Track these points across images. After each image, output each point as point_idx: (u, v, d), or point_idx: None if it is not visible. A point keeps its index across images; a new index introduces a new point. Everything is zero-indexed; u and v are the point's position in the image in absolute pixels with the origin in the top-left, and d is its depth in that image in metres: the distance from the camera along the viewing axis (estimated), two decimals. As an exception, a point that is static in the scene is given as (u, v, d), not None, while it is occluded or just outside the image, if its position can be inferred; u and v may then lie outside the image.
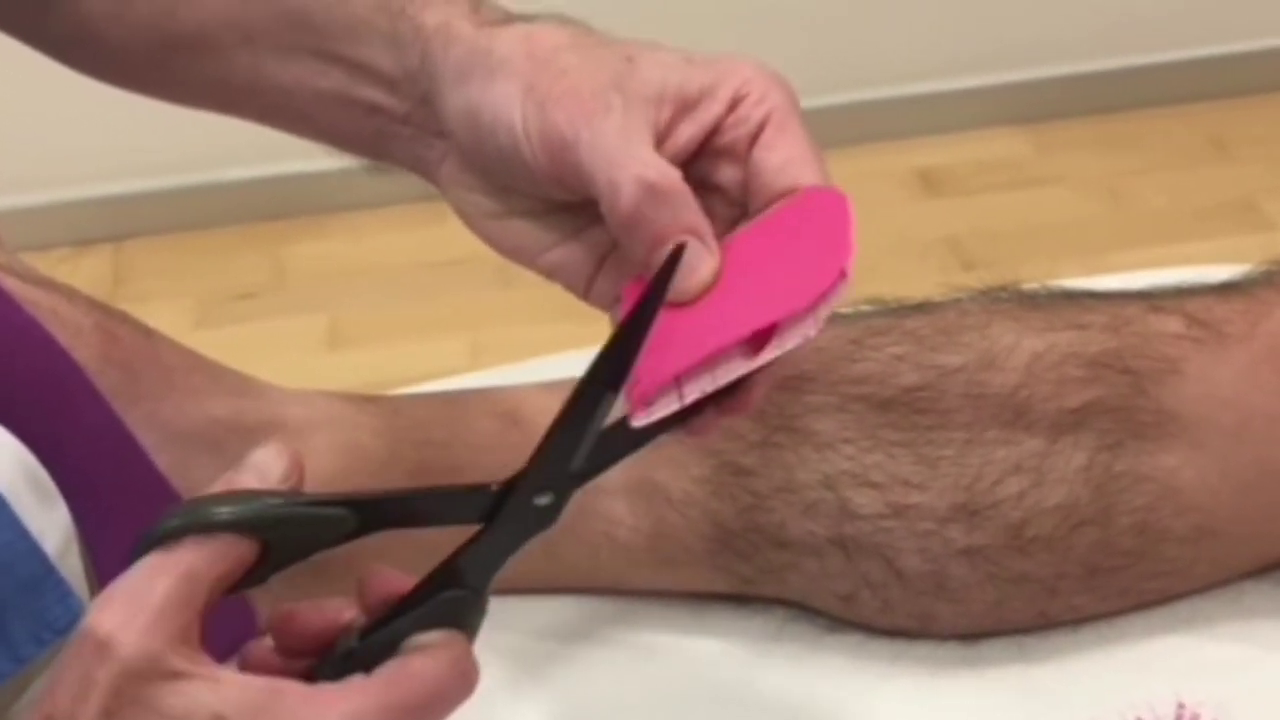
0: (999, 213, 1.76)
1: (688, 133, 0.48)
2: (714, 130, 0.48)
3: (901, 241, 1.73)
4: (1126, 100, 1.87)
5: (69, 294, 0.56)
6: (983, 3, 1.83)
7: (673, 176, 0.46)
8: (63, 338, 0.54)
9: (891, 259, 1.69)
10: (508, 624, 0.58)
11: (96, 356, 0.55)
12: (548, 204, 0.50)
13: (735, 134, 0.48)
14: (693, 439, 0.47)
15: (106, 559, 0.58)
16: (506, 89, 0.48)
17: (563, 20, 0.51)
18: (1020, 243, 1.71)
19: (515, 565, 0.60)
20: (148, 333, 0.58)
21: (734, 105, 0.48)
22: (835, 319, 0.61)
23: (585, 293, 0.50)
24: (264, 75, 0.54)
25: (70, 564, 0.64)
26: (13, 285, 0.54)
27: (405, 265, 1.74)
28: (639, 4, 1.73)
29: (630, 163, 0.46)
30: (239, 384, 0.59)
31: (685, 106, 0.48)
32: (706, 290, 0.46)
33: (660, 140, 0.47)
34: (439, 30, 0.50)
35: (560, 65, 0.48)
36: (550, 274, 0.51)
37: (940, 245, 1.72)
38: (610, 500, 0.59)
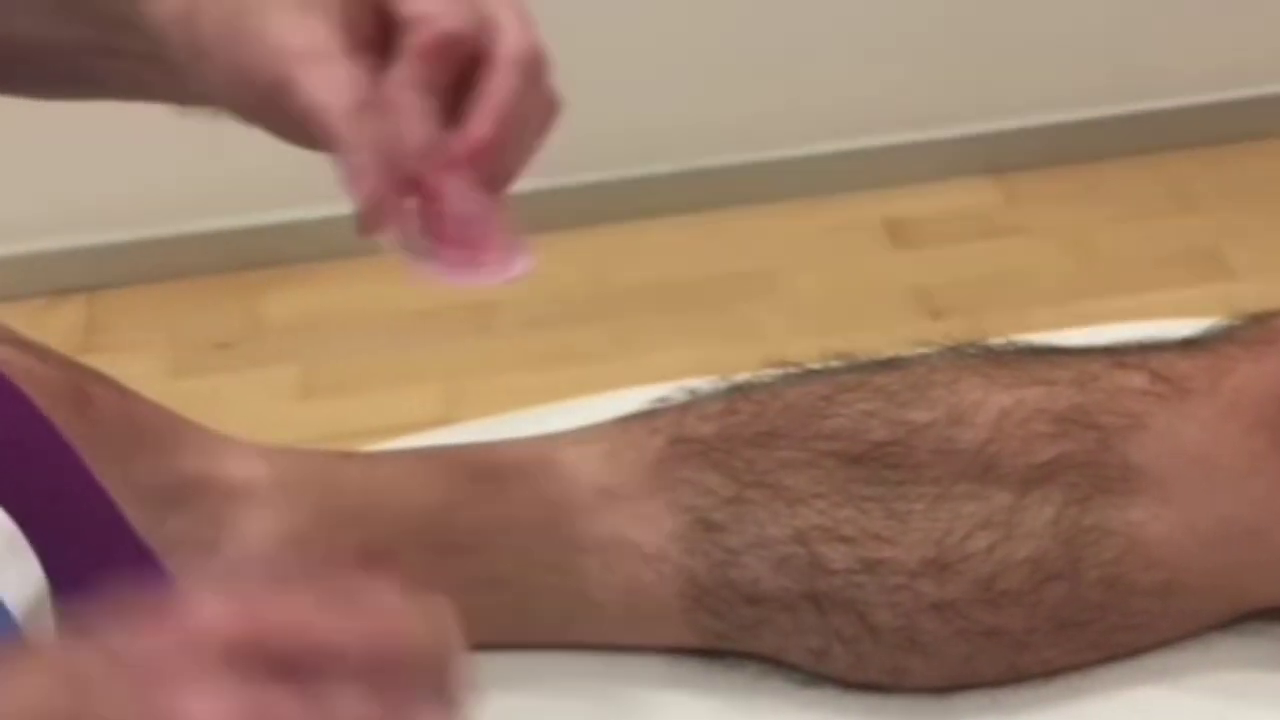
0: (966, 262, 1.78)
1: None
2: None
3: (869, 291, 1.74)
4: (1092, 151, 1.89)
5: (42, 353, 0.57)
6: (949, 55, 1.85)
7: (324, 53, 0.48)
8: (38, 398, 0.54)
9: (859, 308, 1.71)
10: (480, 680, 0.59)
11: (72, 416, 0.55)
12: None
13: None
14: None
15: (80, 614, 0.58)
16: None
17: None
18: (988, 292, 1.72)
19: (488, 621, 0.60)
20: (122, 391, 0.58)
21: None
22: (806, 375, 0.62)
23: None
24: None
25: (42, 620, 0.64)
26: (-11, 347, 0.54)
27: (380, 315, 1.74)
28: (603, 41, 1.75)
29: (318, 80, 0.49)
30: (212, 443, 0.59)
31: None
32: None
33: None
34: None
35: None
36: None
37: (908, 295, 1.74)
38: (583, 557, 0.59)
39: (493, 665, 0.60)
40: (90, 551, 0.56)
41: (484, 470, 0.60)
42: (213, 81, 0.51)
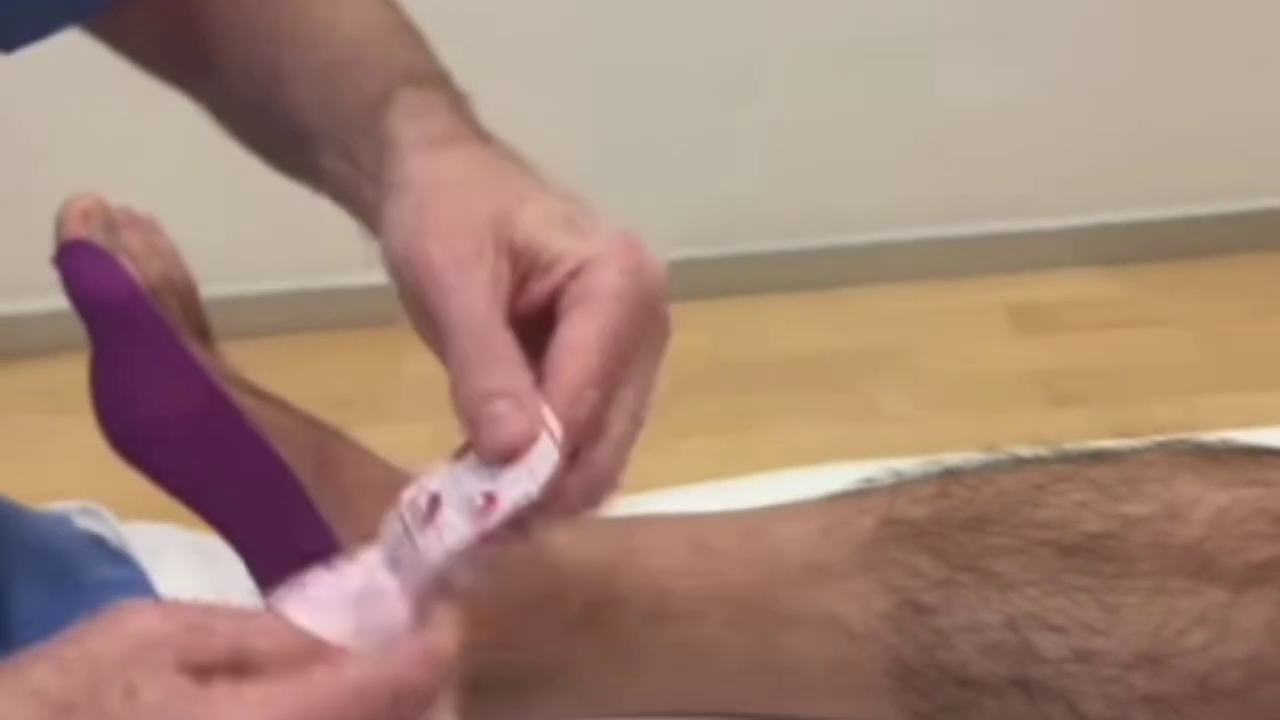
0: (1091, 352, 1.77)
1: (534, 291, 0.49)
2: (555, 294, 0.49)
3: (992, 376, 1.74)
4: (1221, 244, 1.88)
5: (287, 408, 0.58)
6: (1078, 143, 1.86)
7: (493, 336, 0.47)
8: (286, 453, 0.56)
9: (982, 393, 1.71)
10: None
11: (315, 473, 0.57)
12: None
13: (560, 307, 0.49)
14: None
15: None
16: (404, 214, 0.50)
17: (497, 150, 0.53)
18: (1112, 382, 1.72)
19: (698, 691, 0.61)
20: (363, 452, 0.60)
21: (574, 274, 0.49)
22: (1017, 463, 0.63)
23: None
24: (323, 167, 0.57)
25: None
26: (241, 400, 0.56)
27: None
28: (740, 117, 1.77)
29: (473, 321, 0.47)
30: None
31: (542, 264, 0.49)
32: (513, 452, 0.46)
33: (516, 292, 0.49)
34: (391, 145, 0.53)
35: (463, 189, 0.50)
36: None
37: (1031, 381, 1.73)
38: (792, 631, 0.60)
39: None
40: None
41: (699, 540, 0.61)
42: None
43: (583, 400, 0.47)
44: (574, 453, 0.47)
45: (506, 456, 0.46)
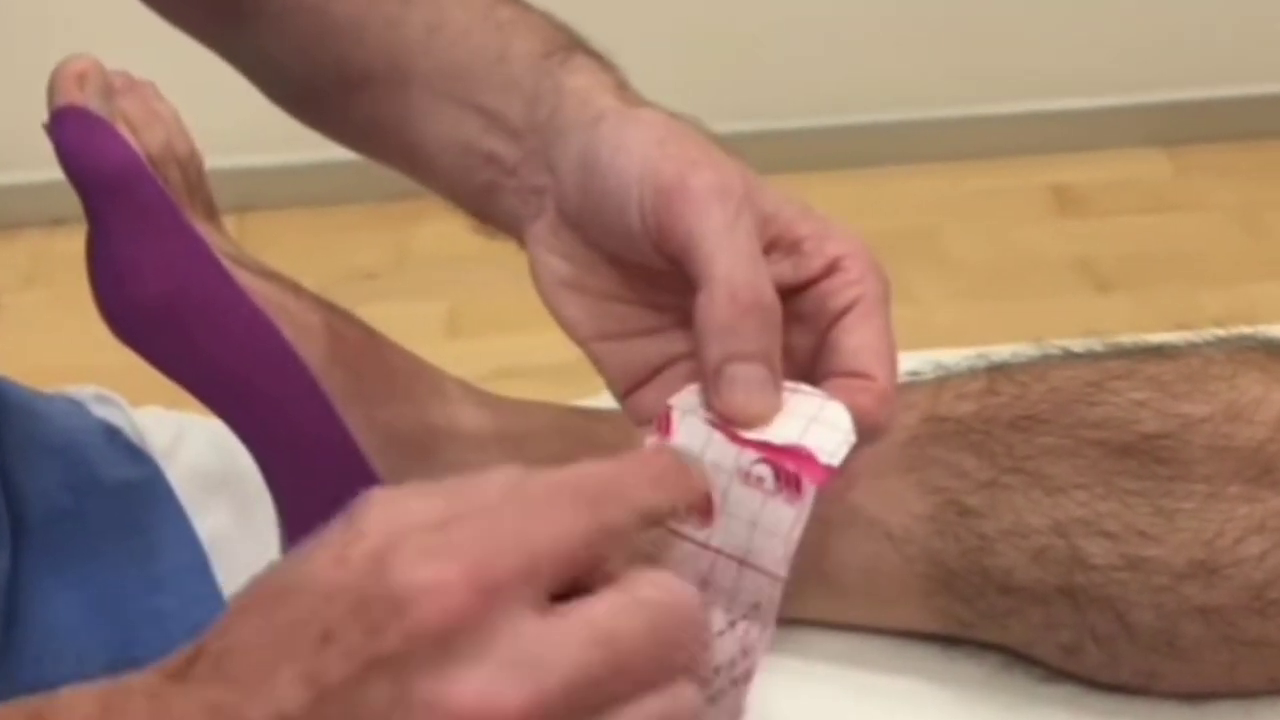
0: (1134, 235, 1.73)
1: (781, 270, 0.47)
2: (804, 286, 0.47)
3: (1033, 259, 1.70)
4: (1270, 127, 1.83)
5: (296, 289, 0.55)
6: (1124, 21, 1.80)
7: (775, 301, 0.45)
8: (291, 333, 0.53)
9: (1023, 276, 1.67)
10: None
11: (322, 355, 0.54)
12: (626, 292, 0.49)
13: (821, 303, 0.47)
14: None
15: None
16: (640, 135, 0.47)
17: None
18: (1155, 267, 1.68)
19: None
20: (371, 333, 0.57)
21: (830, 271, 0.47)
22: (1069, 358, 0.59)
23: (623, 395, 0.49)
24: (409, 119, 0.54)
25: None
26: (245, 278, 0.53)
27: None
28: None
29: (745, 268, 0.44)
30: (456, 390, 0.58)
31: (788, 244, 0.47)
32: (760, 420, 0.44)
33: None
34: (578, 91, 0.50)
35: (698, 142, 0.47)
36: (597, 361, 0.50)
37: (1073, 265, 1.69)
38: (824, 533, 0.57)
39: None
40: (330, 495, 0.55)
41: None
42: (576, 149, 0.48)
43: (893, 408, 0.46)
44: None
45: (749, 424, 0.44)
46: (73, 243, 0.55)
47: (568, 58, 0.51)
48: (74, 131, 0.50)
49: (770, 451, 0.44)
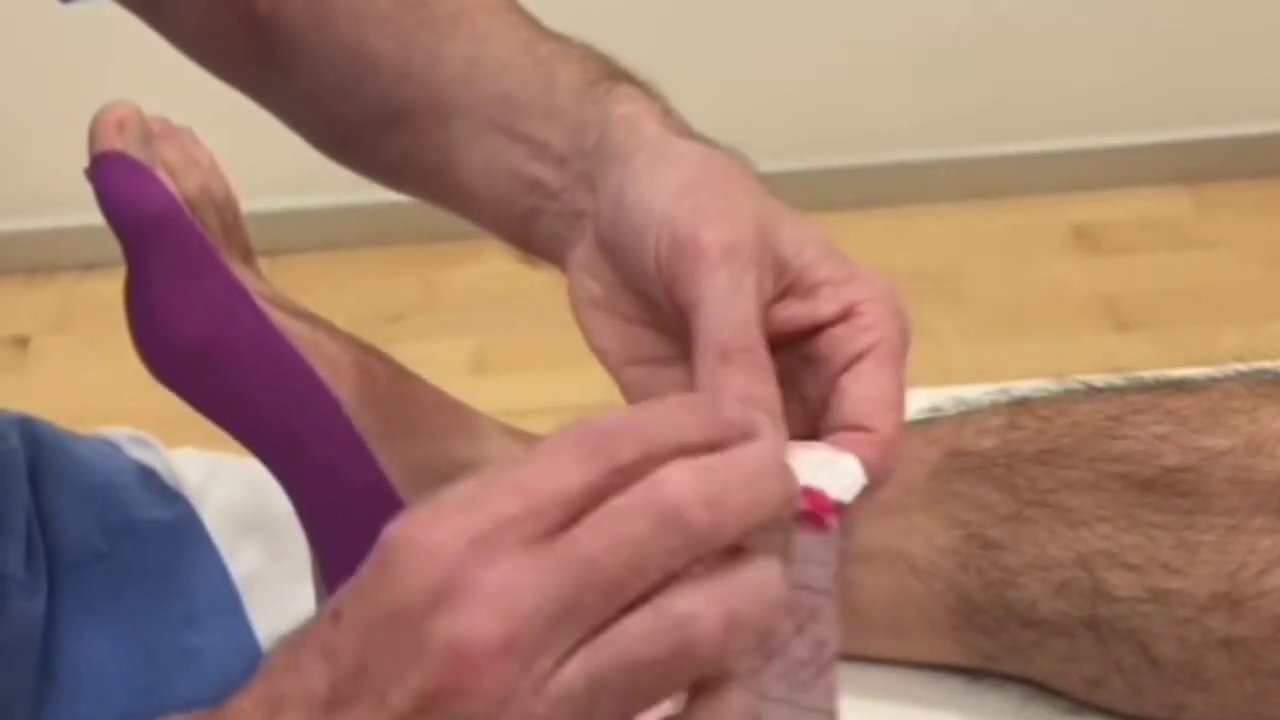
0: (1156, 273, 1.73)
1: (795, 314, 0.46)
2: (817, 329, 0.46)
3: (1054, 297, 1.71)
4: (1291, 164, 1.83)
5: (330, 329, 0.57)
6: (1145, 59, 1.81)
7: (754, 349, 0.44)
8: (324, 372, 0.54)
9: (1044, 314, 1.67)
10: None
11: (355, 394, 0.55)
12: (655, 318, 0.49)
13: (833, 349, 0.46)
14: None
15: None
16: (667, 177, 0.48)
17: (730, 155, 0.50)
18: (1177, 305, 1.68)
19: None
20: (402, 371, 0.58)
21: (846, 316, 0.46)
22: (1091, 393, 0.60)
23: None
24: (451, 150, 0.55)
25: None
26: (279, 319, 0.54)
27: (556, 292, 1.75)
28: (800, 35, 1.73)
29: (738, 332, 0.44)
30: (483, 427, 0.59)
31: (806, 288, 0.47)
32: None
33: (768, 302, 0.46)
34: (625, 119, 0.50)
35: (727, 183, 0.48)
36: (626, 386, 0.50)
37: (1095, 303, 1.70)
38: (851, 566, 0.58)
39: (748, 669, 0.59)
40: (362, 530, 0.56)
41: None
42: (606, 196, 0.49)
43: (895, 456, 0.45)
44: None
45: None
46: (104, 287, 0.56)
47: (613, 86, 0.52)
48: (114, 176, 0.51)
49: None
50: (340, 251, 1.85)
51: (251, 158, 1.83)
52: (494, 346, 1.71)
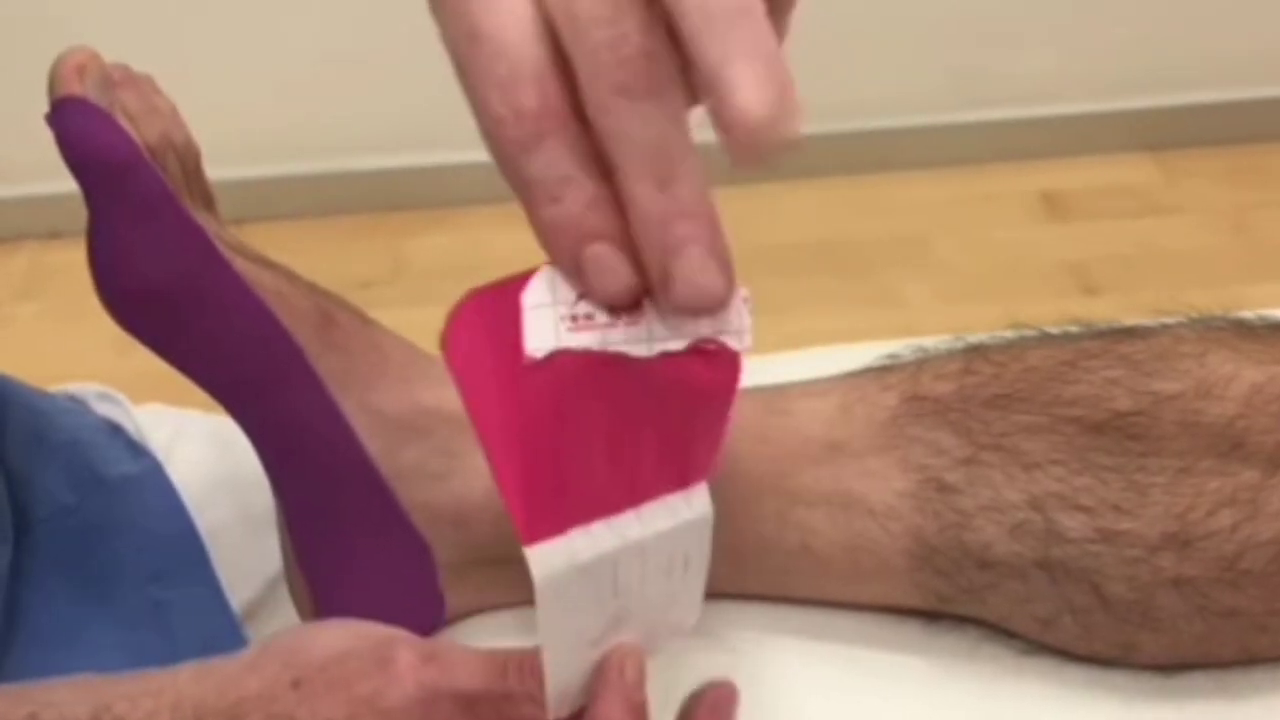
0: (1122, 239, 1.74)
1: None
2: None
3: (1022, 263, 1.72)
4: (1257, 132, 1.84)
5: (290, 276, 0.57)
6: (1114, 27, 1.82)
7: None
8: (286, 319, 0.55)
9: (1011, 280, 1.68)
10: (696, 630, 0.58)
11: (316, 340, 0.55)
12: None
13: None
14: None
15: (309, 539, 0.58)
16: None
17: None
18: (1144, 270, 1.69)
19: (716, 572, 0.60)
20: (365, 319, 0.58)
21: None
22: (1045, 339, 0.61)
23: None
24: None
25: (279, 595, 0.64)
26: (241, 265, 0.54)
27: (523, 263, 1.75)
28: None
29: None
30: (444, 373, 0.59)
31: None
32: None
33: None
34: None
35: None
36: None
37: (1061, 269, 1.71)
38: (807, 510, 0.59)
39: (707, 614, 0.60)
40: (325, 477, 0.57)
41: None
42: None
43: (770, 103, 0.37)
44: None
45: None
46: (69, 255, 0.56)
47: None
48: (74, 121, 0.52)
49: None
50: (308, 220, 1.85)
51: (220, 126, 1.83)
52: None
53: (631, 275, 0.40)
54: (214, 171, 0.63)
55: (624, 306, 0.40)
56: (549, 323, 0.40)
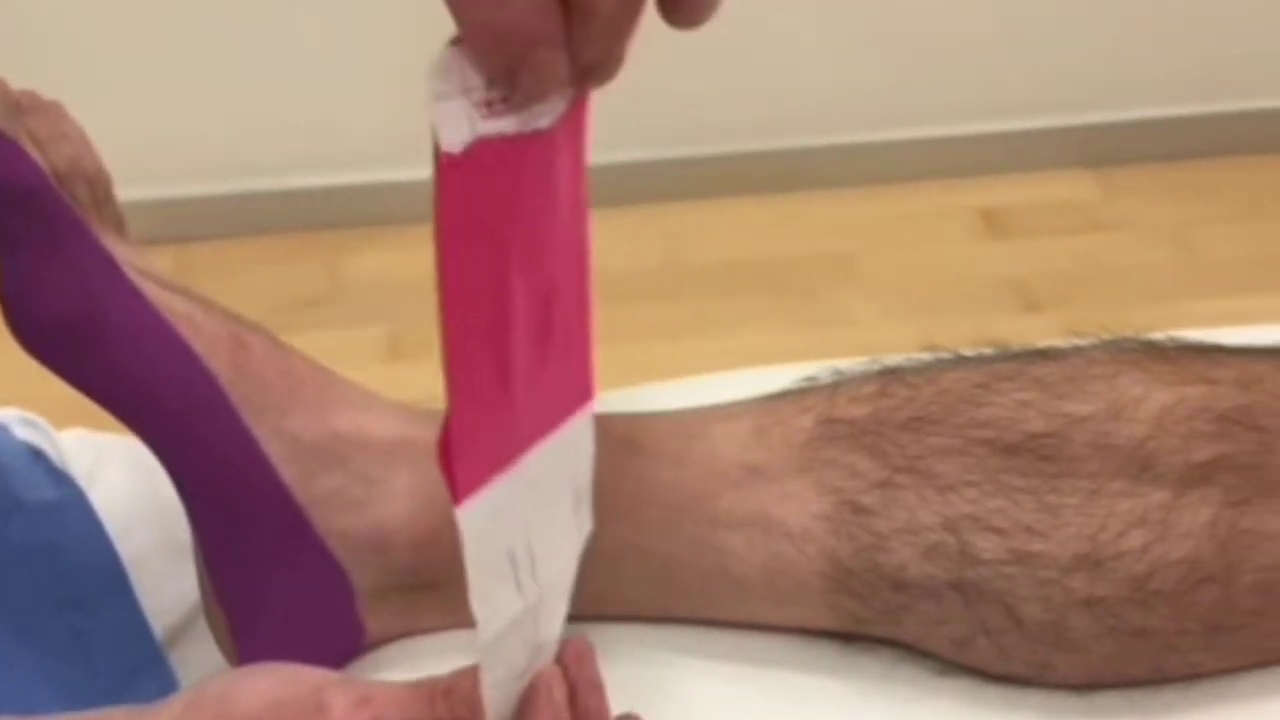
0: (1063, 255, 1.76)
1: None
2: None
3: (962, 281, 1.73)
4: (1197, 147, 1.86)
5: (205, 303, 0.57)
6: (1051, 43, 1.83)
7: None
8: (198, 346, 0.55)
9: (952, 298, 1.69)
10: (618, 652, 0.58)
11: (229, 366, 0.55)
12: None
13: None
14: None
15: (225, 568, 0.58)
16: None
17: None
18: (1085, 287, 1.70)
19: (627, 591, 0.60)
20: (278, 345, 0.58)
21: None
22: (959, 362, 0.61)
23: None
24: None
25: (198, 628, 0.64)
26: (152, 291, 0.54)
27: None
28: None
29: None
30: (364, 399, 0.59)
31: None
32: None
33: None
34: None
35: None
36: None
37: (1002, 286, 1.72)
38: (726, 533, 0.59)
39: (628, 636, 0.60)
40: (239, 505, 0.56)
41: (631, 441, 0.59)
42: None
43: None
44: None
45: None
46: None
47: None
48: (-21, 149, 0.51)
49: None
50: (249, 239, 1.84)
51: (157, 145, 1.82)
52: (407, 333, 1.71)
53: (568, 73, 0.39)
54: (157, 190, 0.63)
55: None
56: (462, 114, 0.38)
